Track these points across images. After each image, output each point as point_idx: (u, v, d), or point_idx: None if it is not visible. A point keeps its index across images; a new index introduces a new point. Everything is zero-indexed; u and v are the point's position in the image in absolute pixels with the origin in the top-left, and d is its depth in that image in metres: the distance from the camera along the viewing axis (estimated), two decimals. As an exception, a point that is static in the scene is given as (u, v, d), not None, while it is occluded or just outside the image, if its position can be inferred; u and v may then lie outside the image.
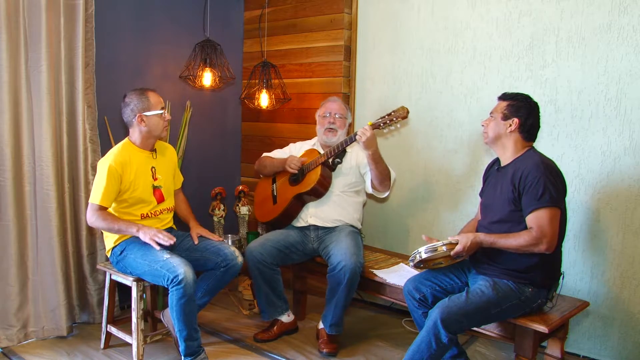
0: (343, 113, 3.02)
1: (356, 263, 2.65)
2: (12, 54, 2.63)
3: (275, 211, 3.03)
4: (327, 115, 3.00)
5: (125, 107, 2.55)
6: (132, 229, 2.49)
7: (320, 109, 3.07)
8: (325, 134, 2.99)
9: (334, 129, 2.98)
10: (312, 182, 2.87)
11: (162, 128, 2.60)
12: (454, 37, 3.05)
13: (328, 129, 2.98)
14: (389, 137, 3.36)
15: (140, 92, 2.56)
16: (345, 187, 2.97)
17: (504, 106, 2.25)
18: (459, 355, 2.37)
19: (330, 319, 2.78)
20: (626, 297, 2.63)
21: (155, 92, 2.61)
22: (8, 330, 2.76)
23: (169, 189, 2.73)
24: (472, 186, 3.03)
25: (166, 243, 2.44)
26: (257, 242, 2.91)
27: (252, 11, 3.85)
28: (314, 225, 2.96)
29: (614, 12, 2.56)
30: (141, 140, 2.60)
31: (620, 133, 2.59)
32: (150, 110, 2.54)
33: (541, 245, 2.08)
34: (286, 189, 3.02)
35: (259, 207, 3.19)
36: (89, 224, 2.52)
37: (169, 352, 2.78)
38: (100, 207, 2.47)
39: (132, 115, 2.54)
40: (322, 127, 3.01)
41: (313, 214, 2.97)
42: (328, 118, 2.99)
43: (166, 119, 2.61)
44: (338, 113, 3.00)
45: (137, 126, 2.56)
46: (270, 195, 3.12)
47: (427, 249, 2.17)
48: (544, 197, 2.08)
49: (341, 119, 3.00)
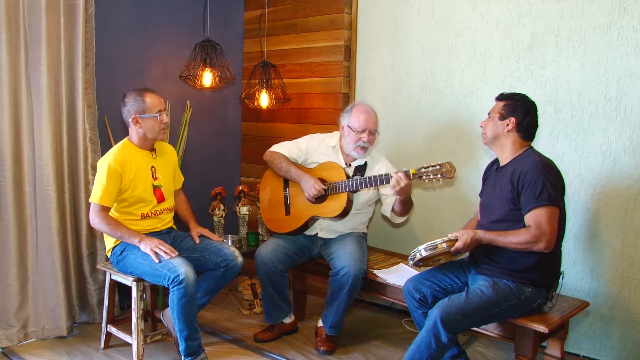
0: (376, 129, 2.80)
1: (359, 269, 2.64)
2: (12, 54, 2.63)
3: (288, 225, 2.90)
4: (361, 130, 2.73)
5: (123, 107, 2.56)
6: (134, 239, 2.49)
7: (352, 120, 2.75)
8: (357, 150, 2.76)
9: (366, 148, 2.77)
10: (335, 211, 2.72)
11: (158, 131, 2.58)
12: (454, 37, 3.05)
13: (361, 147, 2.75)
14: (388, 137, 3.35)
15: (137, 93, 2.54)
16: (362, 205, 2.88)
17: (500, 106, 2.27)
18: (459, 355, 2.37)
19: (331, 321, 2.79)
20: (626, 297, 2.63)
21: (154, 93, 2.58)
22: (8, 330, 2.76)
23: (169, 188, 2.73)
24: (472, 186, 3.03)
25: (167, 256, 2.43)
26: (269, 248, 2.85)
27: (252, 11, 3.85)
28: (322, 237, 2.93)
29: (614, 12, 2.55)
30: (138, 140, 2.60)
31: (620, 133, 2.59)
32: (146, 113, 2.53)
33: (540, 243, 2.08)
34: (302, 203, 2.84)
35: (266, 208, 3.00)
36: (92, 224, 2.51)
37: (169, 352, 2.78)
38: (103, 208, 2.46)
39: (129, 116, 2.54)
40: (353, 142, 2.75)
41: (325, 228, 2.90)
42: (363, 135, 2.72)
43: (164, 121, 2.58)
44: (373, 129, 2.76)
45: (133, 127, 2.56)
46: (282, 202, 2.93)
47: (427, 247, 2.17)
48: (542, 196, 2.08)
49: (374, 136, 2.78)
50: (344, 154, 2.87)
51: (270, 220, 3.00)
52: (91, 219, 2.49)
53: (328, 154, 2.89)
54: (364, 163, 2.85)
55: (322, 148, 2.91)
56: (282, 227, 2.93)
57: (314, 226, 2.92)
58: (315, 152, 2.91)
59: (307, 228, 2.92)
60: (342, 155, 2.88)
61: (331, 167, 2.79)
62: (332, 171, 2.77)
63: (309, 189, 2.73)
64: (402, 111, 3.29)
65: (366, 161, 2.86)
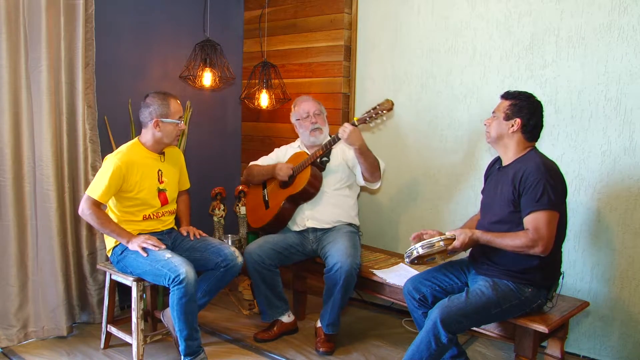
0: (319, 109, 3.02)
1: (352, 265, 2.64)
2: (12, 54, 2.63)
3: (267, 216, 3.01)
4: (306, 116, 2.98)
5: (145, 107, 2.55)
6: (123, 238, 2.51)
7: (295, 112, 3.04)
8: (312, 134, 2.97)
9: (319, 128, 2.97)
10: (302, 183, 2.86)
11: (174, 136, 2.61)
12: (454, 37, 3.05)
13: (313, 129, 2.97)
14: (388, 137, 3.35)
15: (163, 97, 2.56)
16: (337, 183, 2.96)
17: (506, 105, 2.23)
18: (458, 355, 2.37)
19: (327, 319, 2.79)
20: (626, 297, 2.63)
21: (177, 99, 2.61)
22: (8, 330, 2.76)
23: (174, 191, 2.74)
24: (472, 186, 3.03)
25: (155, 249, 2.46)
26: (256, 244, 2.91)
27: (252, 11, 3.85)
28: (312, 228, 2.96)
29: (614, 12, 2.55)
30: (152, 143, 2.60)
31: (620, 133, 2.59)
32: (169, 118, 2.55)
33: (536, 247, 2.07)
34: (277, 192, 3.01)
35: (251, 214, 3.18)
36: (80, 214, 2.51)
37: (169, 352, 2.78)
38: (96, 202, 2.47)
39: (149, 118, 2.54)
40: (305, 129, 2.99)
41: (310, 217, 2.96)
42: (309, 119, 2.97)
43: (181, 128, 2.61)
44: (315, 110, 2.99)
45: (151, 129, 2.56)
46: (262, 201, 3.11)
47: (424, 245, 2.14)
48: (543, 200, 2.07)
49: (320, 115, 3.00)
50: (308, 148, 3.06)
51: (255, 220, 3.12)
52: (81, 209, 2.49)
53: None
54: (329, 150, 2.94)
55: (290, 151, 3.13)
56: (264, 219, 3.04)
57: (301, 218, 2.97)
58: (284, 157, 3.13)
59: (288, 216, 2.98)
60: (308, 150, 3.05)
61: (296, 155, 3.04)
62: (297, 158, 3.00)
63: (280, 170, 2.94)
64: (402, 111, 3.29)
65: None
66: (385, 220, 3.44)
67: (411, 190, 3.30)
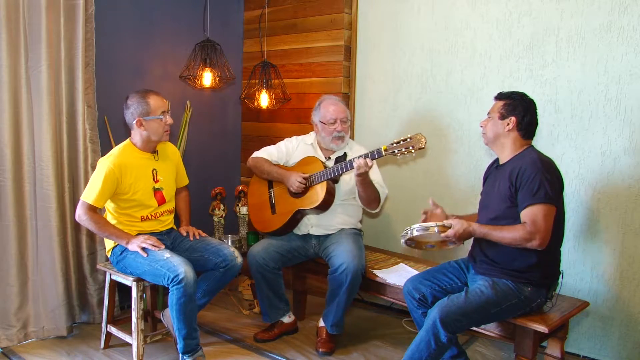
0: (347, 116, 2.88)
1: (358, 265, 2.64)
2: (12, 54, 2.63)
3: (274, 223, 2.94)
4: (333, 122, 2.83)
5: (126, 109, 2.54)
6: (122, 240, 2.50)
7: (322, 114, 2.87)
8: (334, 142, 2.85)
9: (342, 137, 2.86)
10: (317, 200, 2.76)
11: (162, 133, 2.57)
12: (454, 37, 3.05)
13: (337, 137, 2.84)
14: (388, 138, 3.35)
15: (141, 96, 2.52)
16: (346, 195, 2.90)
17: (500, 106, 2.27)
18: (458, 355, 2.37)
19: (332, 319, 2.78)
20: (626, 297, 2.63)
21: (157, 94, 2.57)
22: (8, 330, 2.76)
23: (171, 190, 2.73)
24: (472, 186, 3.03)
25: (154, 249, 2.45)
26: (260, 247, 2.88)
27: (252, 11, 3.85)
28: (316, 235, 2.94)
29: (614, 12, 2.55)
30: (142, 143, 2.59)
31: (620, 133, 2.59)
32: (150, 115, 2.51)
33: (534, 240, 2.07)
34: (286, 200, 2.90)
35: (254, 212, 3.06)
36: (77, 220, 2.50)
37: (169, 352, 2.78)
38: (92, 207, 2.46)
39: (132, 119, 2.52)
40: (328, 135, 2.85)
41: (315, 224, 2.91)
42: (335, 126, 2.83)
43: (167, 123, 2.57)
44: (343, 118, 2.85)
45: (137, 130, 2.55)
46: (267, 202, 3.00)
47: (420, 227, 2.17)
48: (539, 194, 2.08)
49: (346, 122, 2.87)
50: (322, 150, 2.96)
51: (259, 222, 3.04)
52: (78, 215, 2.48)
53: (307, 151, 2.98)
54: (343, 154, 2.89)
55: (301, 147, 3.01)
56: (270, 226, 2.96)
57: (304, 224, 2.93)
58: (295, 151, 3.00)
59: (295, 225, 2.93)
60: (320, 151, 2.96)
61: (309, 160, 2.87)
62: (311, 164, 2.85)
63: (292, 184, 2.81)
64: (402, 111, 3.29)
65: (345, 152, 2.91)
66: (385, 221, 3.44)
67: (411, 189, 3.30)
